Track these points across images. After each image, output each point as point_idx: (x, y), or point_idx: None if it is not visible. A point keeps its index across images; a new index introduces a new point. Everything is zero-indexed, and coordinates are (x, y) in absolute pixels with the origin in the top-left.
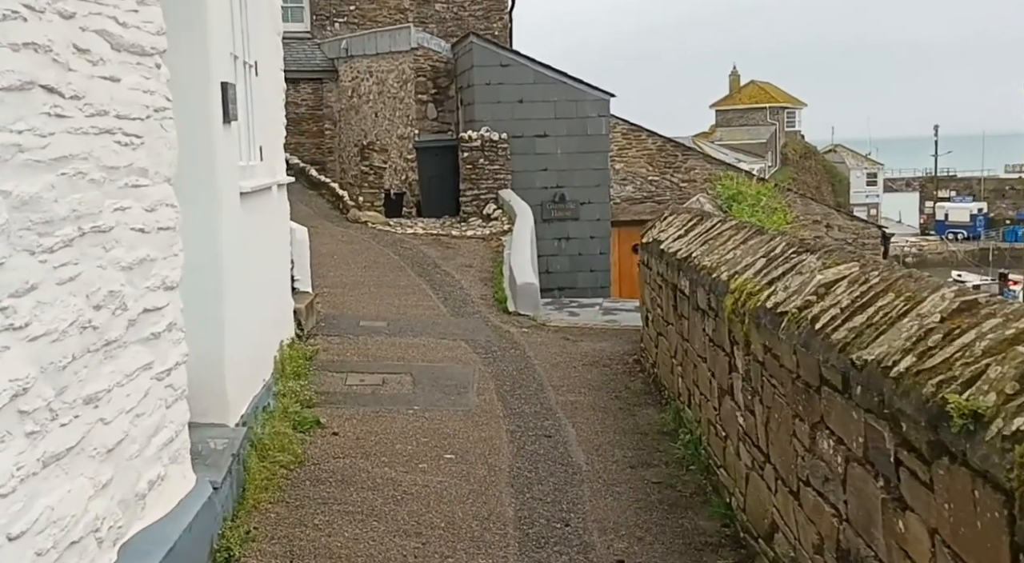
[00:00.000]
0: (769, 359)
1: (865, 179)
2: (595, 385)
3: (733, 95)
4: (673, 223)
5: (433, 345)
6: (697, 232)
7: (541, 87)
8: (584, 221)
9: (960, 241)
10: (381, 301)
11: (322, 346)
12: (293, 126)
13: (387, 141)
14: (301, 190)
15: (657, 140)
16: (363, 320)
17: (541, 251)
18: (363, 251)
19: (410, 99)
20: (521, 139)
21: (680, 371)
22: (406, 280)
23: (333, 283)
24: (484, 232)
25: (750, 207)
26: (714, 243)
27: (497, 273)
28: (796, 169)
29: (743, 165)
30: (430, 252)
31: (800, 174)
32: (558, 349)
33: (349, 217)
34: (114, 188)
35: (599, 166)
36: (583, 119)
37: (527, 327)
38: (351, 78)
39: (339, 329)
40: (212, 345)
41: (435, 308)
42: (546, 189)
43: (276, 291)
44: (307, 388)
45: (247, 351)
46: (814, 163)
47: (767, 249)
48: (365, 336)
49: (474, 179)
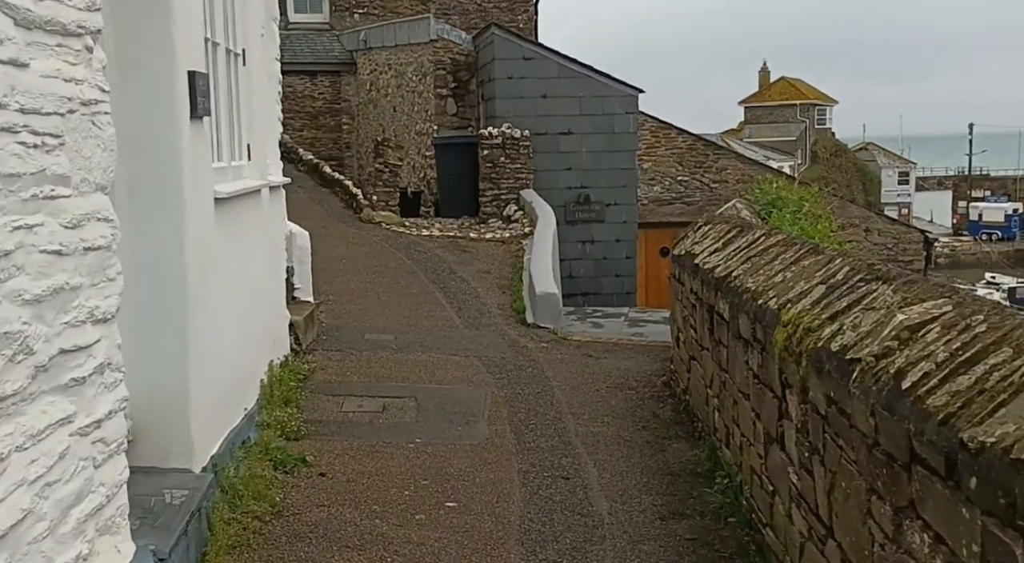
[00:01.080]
0: (834, 414)
1: (897, 178)
2: (619, 412)
3: (763, 91)
4: (709, 234)
5: (443, 363)
6: (737, 246)
7: (566, 82)
8: (610, 223)
9: (994, 242)
10: (390, 310)
11: (320, 363)
12: (310, 120)
13: (405, 137)
14: (314, 187)
15: (687, 138)
16: (369, 332)
17: (564, 255)
18: (374, 255)
19: (429, 93)
20: (544, 136)
21: (716, 404)
22: (418, 287)
23: (340, 290)
24: (504, 235)
25: (791, 214)
26: (758, 261)
27: (516, 280)
28: (826, 167)
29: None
30: (445, 256)
31: (830, 172)
32: (579, 368)
33: (363, 217)
34: (14, 201)
35: (626, 165)
36: (610, 116)
37: (546, 341)
38: (369, 71)
39: (342, 343)
40: (174, 378)
41: (448, 319)
42: (570, 189)
43: (266, 306)
44: (296, 417)
45: (222, 380)
46: (844, 161)
47: (825, 273)
48: (369, 352)
49: (494, 178)
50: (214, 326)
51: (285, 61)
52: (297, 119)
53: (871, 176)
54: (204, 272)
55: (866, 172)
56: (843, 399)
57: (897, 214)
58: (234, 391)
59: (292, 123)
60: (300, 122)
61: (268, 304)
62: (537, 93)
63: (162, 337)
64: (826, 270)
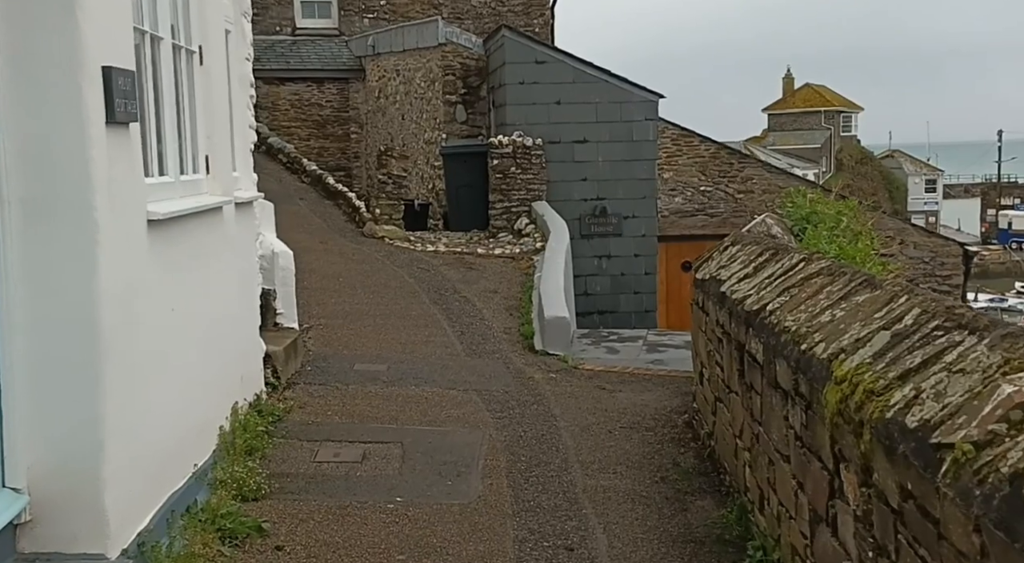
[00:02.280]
0: (913, 513)
1: (924, 186)
2: (635, 460)
3: (787, 98)
4: (737, 257)
5: (437, 399)
6: (771, 273)
7: (581, 87)
8: (628, 237)
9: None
10: (385, 336)
11: (300, 400)
12: (317, 129)
13: (413, 146)
14: (317, 200)
15: (710, 146)
16: (360, 361)
17: (579, 271)
18: (374, 272)
19: (438, 100)
20: (558, 145)
21: (748, 459)
22: (419, 308)
23: (333, 312)
24: (514, 250)
25: (828, 230)
26: (798, 294)
27: (525, 301)
28: (851, 175)
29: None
30: (450, 274)
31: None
32: (591, 404)
33: (365, 231)
34: None
35: (646, 176)
36: (628, 123)
37: (555, 371)
38: (378, 77)
39: (328, 375)
40: (84, 443)
41: (448, 345)
42: (585, 201)
43: (231, 340)
44: (259, 471)
45: (156, 439)
46: (870, 169)
47: (888, 315)
48: (357, 385)
49: (504, 190)
50: (144, 375)
51: (292, 68)
52: (304, 128)
53: (897, 184)
54: (128, 311)
55: (892, 180)
56: (927, 497)
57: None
58: (176, 448)
59: (299, 132)
60: (307, 131)
61: (234, 338)
62: (550, 99)
63: (68, 394)
64: (887, 311)
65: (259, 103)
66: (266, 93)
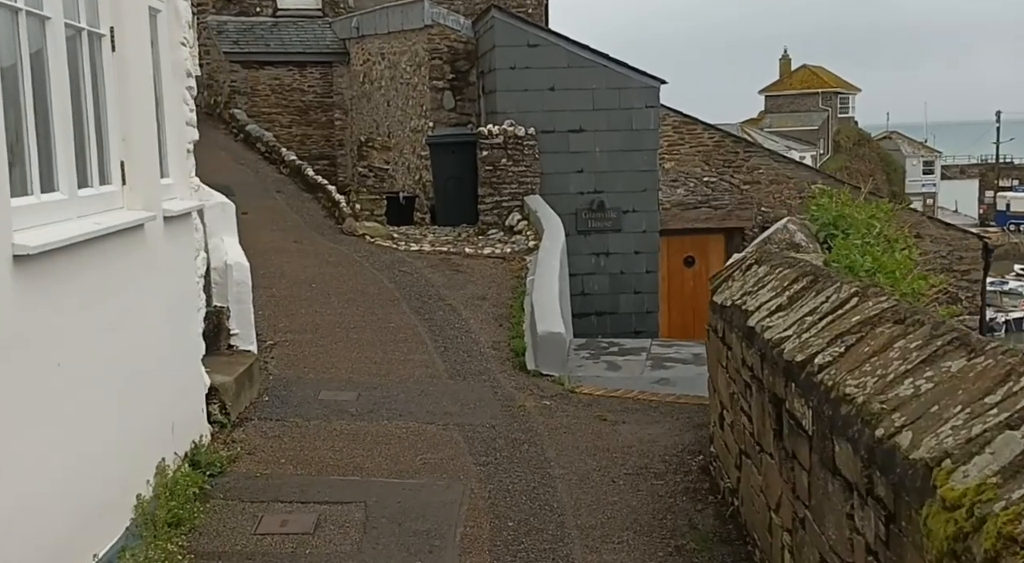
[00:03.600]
0: None
1: (922, 167)
2: (644, 521)
3: (784, 80)
4: (766, 281)
5: (413, 437)
6: (815, 309)
7: (577, 72)
8: (627, 233)
9: (1023, 232)
10: (358, 354)
11: (250, 444)
12: (299, 116)
13: (400, 135)
14: (296, 193)
15: (714, 134)
16: (327, 388)
17: (576, 269)
18: (351, 276)
19: (424, 86)
20: (552, 134)
21: (788, 542)
22: (398, 319)
23: (302, 325)
24: (504, 250)
25: (861, 238)
26: (858, 346)
27: (516, 308)
28: (849, 157)
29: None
30: (435, 277)
31: (853, 162)
32: (590, 441)
33: (344, 229)
34: None
35: (646, 167)
36: (627, 110)
37: (549, 397)
38: (362, 61)
39: (287, 406)
40: None
41: (429, 365)
42: (582, 195)
43: (153, 387)
44: (183, 553)
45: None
46: (868, 151)
47: (1008, 400)
48: (320, 420)
49: (495, 183)
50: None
51: (272, 51)
52: (285, 114)
53: (895, 166)
54: None
55: (890, 162)
56: None
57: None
58: (67, 538)
59: (280, 119)
60: (289, 118)
61: (161, 381)
62: (544, 85)
63: None
64: (1005, 392)
65: (237, 88)
66: (245, 78)
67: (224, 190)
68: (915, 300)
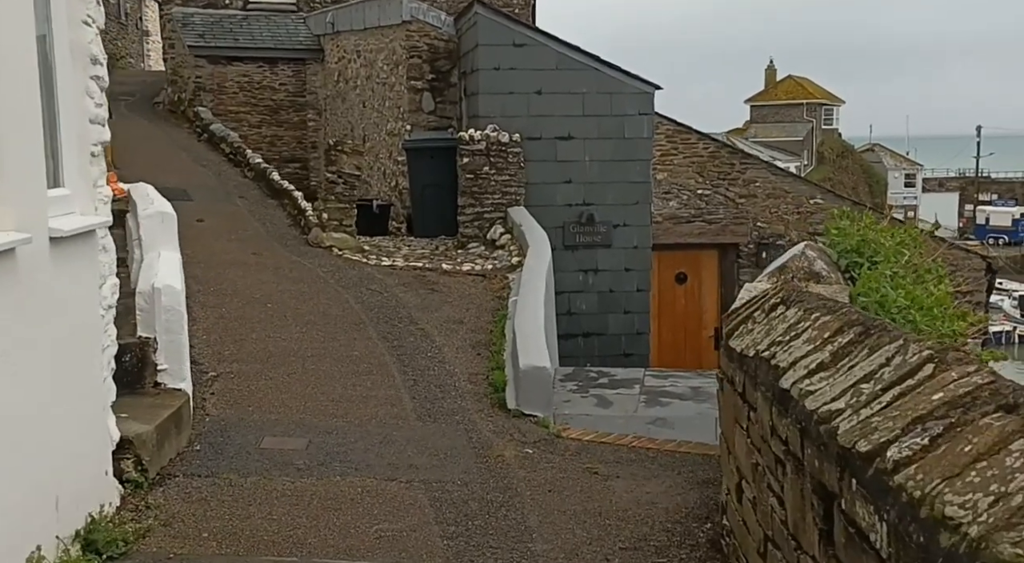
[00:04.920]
0: None
1: (903, 180)
2: None
3: (769, 90)
4: (800, 328)
5: (369, 500)
6: (874, 375)
7: (566, 74)
8: (618, 249)
9: (1001, 246)
10: (314, 390)
11: (167, 512)
12: (270, 115)
13: (376, 138)
14: (260, 199)
15: (709, 144)
16: (272, 433)
17: (562, 287)
18: (313, 295)
19: (402, 86)
20: (538, 141)
21: None
22: (363, 347)
23: (251, 354)
24: (485, 266)
25: (889, 268)
26: (954, 443)
27: (497, 334)
28: (832, 168)
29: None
30: (407, 297)
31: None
32: (579, 503)
33: (310, 239)
34: None
35: (639, 178)
36: (619, 117)
37: (532, 443)
38: (337, 59)
39: (222, 458)
40: None
41: (395, 402)
42: (570, 207)
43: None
44: None
45: None
46: (851, 162)
47: None
48: (259, 476)
49: (476, 193)
50: None
51: (241, 46)
52: (254, 113)
53: (877, 178)
54: None
55: (872, 174)
56: None
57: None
58: None
59: (248, 118)
60: (258, 117)
61: (34, 446)
62: (530, 88)
63: None
64: None
65: (203, 85)
66: (211, 74)
67: (180, 194)
68: (955, 341)
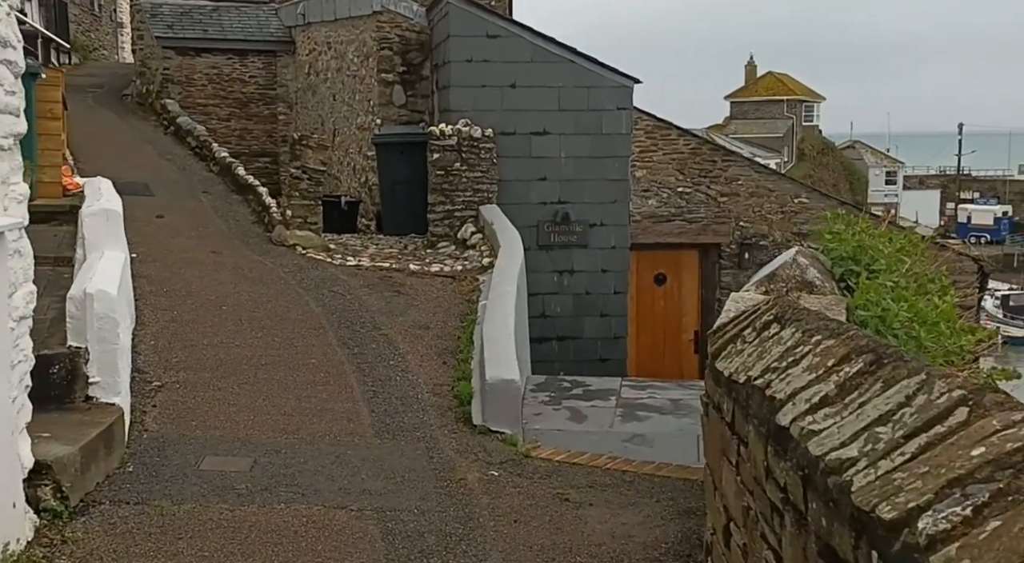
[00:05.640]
0: None
1: (884, 177)
2: None
3: (749, 86)
4: (798, 353)
5: (313, 533)
6: (890, 415)
7: (541, 67)
8: (595, 249)
9: (983, 245)
10: (265, 402)
11: (85, 547)
12: (239, 108)
13: (346, 132)
14: (224, 194)
15: (690, 141)
16: (215, 451)
17: (536, 288)
18: (272, 297)
19: (372, 79)
20: (512, 137)
21: None
22: (321, 354)
23: (201, 362)
24: (455, 267)
25: (891, 278)
26: (1001, 511)
27: (465, 341)
28: (813, 165)
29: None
30: (372, 300)
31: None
32: (547, 536)
33: (273, 237)
34: None
35: (616, 176)
36: (597, 112)
37: (498, 464)
38: (308, 51)
39: (154, 484)
40: None
41: (352, 417)
42: (544, 205)
43: None
44: None
45: None
46: (832, 159)
47: None
48: (194, 504)
49: (447, 190)
50: None
51: (210, 37)
52: (224, 107)
53: (858, 175)
54: None
55: (853, 171)
56: None
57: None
58: None
59: (217, 111)
60: (227, 110)
61: None
62: (504, 81)
63: None
64: None
65: (170, 77)
66: (179, 65)
67: (142, 189)
68: (962, 358)
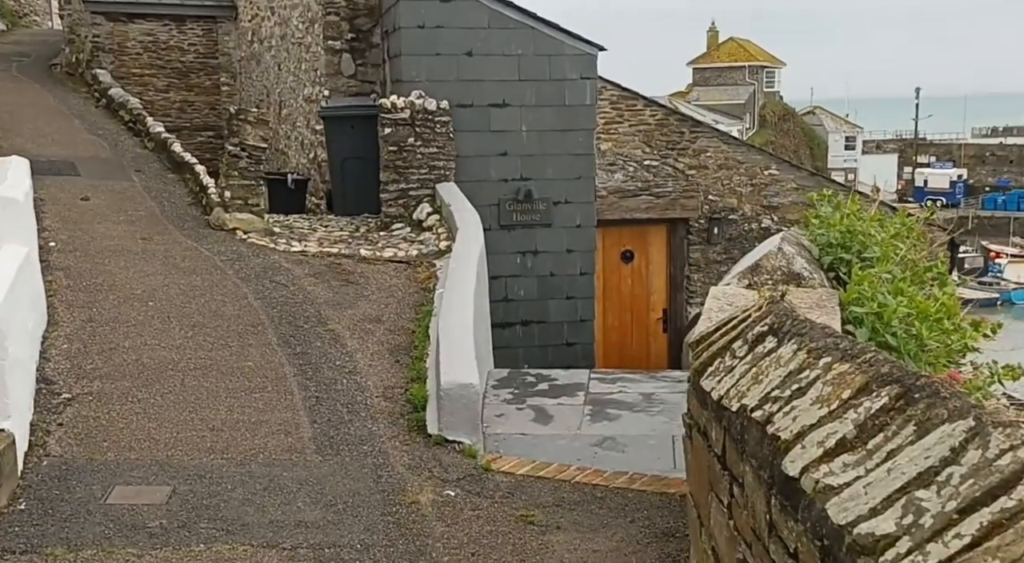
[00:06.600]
0: None
1: (844, 143)
2: None
3: (711, 53)
4: (803, 379)
5: None
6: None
7: (500, 34)
8: (559, 228)
9: (940, 208)
10: (191, 415)
11: None
12: (179, 79)
13: (293, 104)
14: (159, 173)
15: (657, 112)
16: (126, 479)
17: (498, 271)
18: (206, 290)
19: (318, 47)
20: (470, 109)
21: None
22: (258, 355)
23: (120, 368)
24: (410, 252)
25: (885, 268)
26: None
27: (420, 336)
28: (774, 132)
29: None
30: (318, 291)
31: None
32: None
33: (211, 221)
34: None
35: (582, 150)
36: (560, 82)
37: (455, 481)
38: (251, 17)
39: (48, 524)
40: None
41: (291, 430)
42: (505, 182)
43: None
44: None
45: None
46: (793, 125)
47: None
48: (96, 550)
49: (400, 167)
50: None
51: (144, 2)
52: (161, 77)
53: (818, 141)
54: None
55: (814, 137)
56: None
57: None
58: None
59: (154, 82)
60: (165, 81)
61: None
62: (460, 49)
63: None
64: None
65: (101, 45)
66: (110, 32)
67: (67, 168)
68: (965, 356)
